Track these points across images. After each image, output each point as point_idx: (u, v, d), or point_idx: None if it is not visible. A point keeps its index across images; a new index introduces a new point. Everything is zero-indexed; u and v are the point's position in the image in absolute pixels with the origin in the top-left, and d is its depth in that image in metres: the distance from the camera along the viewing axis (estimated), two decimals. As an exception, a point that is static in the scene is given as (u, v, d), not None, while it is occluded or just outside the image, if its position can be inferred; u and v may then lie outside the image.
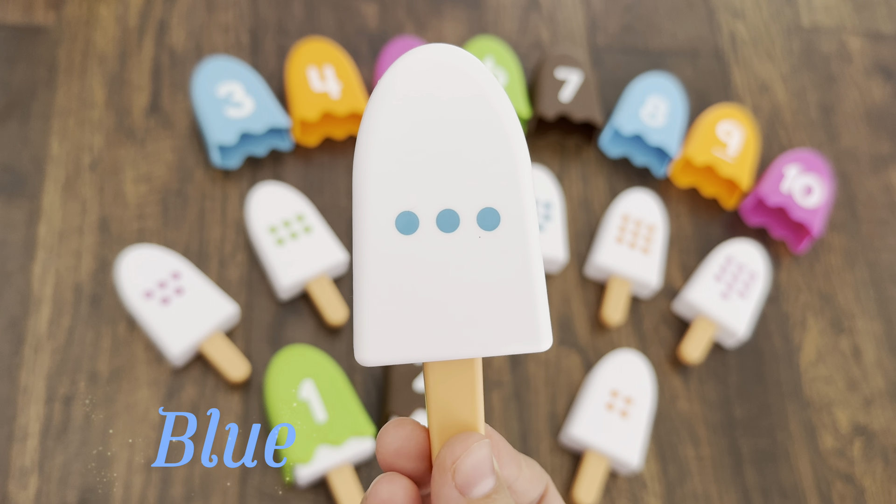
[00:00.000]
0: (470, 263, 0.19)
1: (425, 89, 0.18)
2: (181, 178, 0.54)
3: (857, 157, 0.66)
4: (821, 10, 0.72)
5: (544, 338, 0.19)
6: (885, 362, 0.57)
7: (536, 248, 0.19)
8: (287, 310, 0.51)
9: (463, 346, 0.19)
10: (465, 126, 0.18)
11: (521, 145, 0.19)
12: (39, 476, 0.45)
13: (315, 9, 0.63)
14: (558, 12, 0.67)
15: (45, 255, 0.51)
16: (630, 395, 0.50)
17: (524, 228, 0.19)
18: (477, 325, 0.19)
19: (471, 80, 0.18)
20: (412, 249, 0.19)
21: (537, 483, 0.21)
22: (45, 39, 0.58)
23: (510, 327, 0.19)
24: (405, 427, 0.20)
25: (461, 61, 0.19)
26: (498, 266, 0.19)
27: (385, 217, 0.19)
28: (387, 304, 0.19)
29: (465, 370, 0.19)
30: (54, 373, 0.47)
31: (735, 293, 0.55)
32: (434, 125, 0.18)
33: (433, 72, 0.18)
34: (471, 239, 0.19)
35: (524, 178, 0.19)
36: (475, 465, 0.18)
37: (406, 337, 0.19)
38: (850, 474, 0.53)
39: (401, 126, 0.18)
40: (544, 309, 0.19)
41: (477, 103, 0.18)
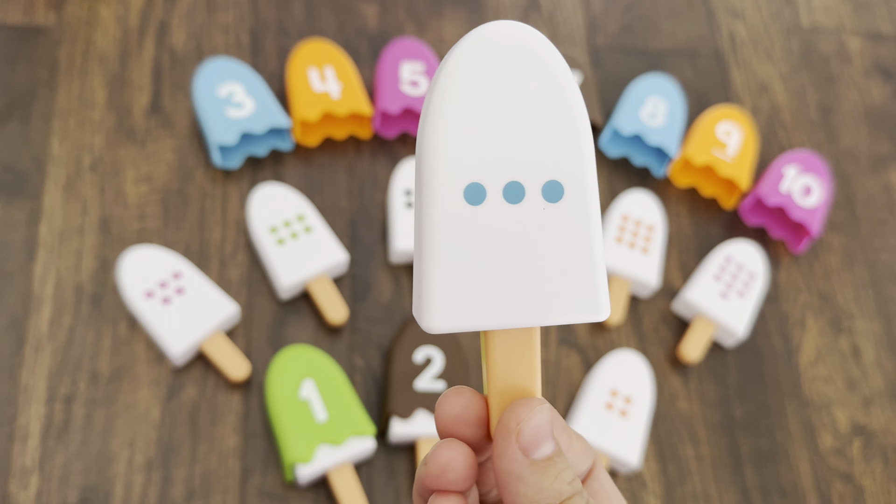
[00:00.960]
0: (534, 234, 0.19)
1: (493, 65, 0.19)
2: (182, 179, 0.55)
3: (856, 157, 0.66)
4: (820, 10, 0.72)
5: (603, 308, 0.20)
6: (884, 362, 0.57)
7: (597, 221, 0.20)
8: (287, 309, 0.52)
9: (526, 315, 0.19)
10: (531, 101, 0.19)
11: (584, 121, 0.19)
12: (40, 476, 0.45)
13: (315, 9, 0.63)
14: (558, 12, 0.67)
15: (45, 255, 0.51)
16: (629, 395, 0.50)
17: (586, 201, 0.19)
18: (539, 295, 0.19)
19: (538, 57, 0.19)
20: (479, 219, 0.19)
21: (586, 457, 0.22)
22: (45, 40, 0.58)
23: (571, 297, 0.19)
24: (464, 395, 0.20)
25: (529, 38, 0.19)
26: (561, 237, 0.19)
27: (454, 188, 0.19)
28: (454, 272, 0.19)
29: (526, 338, 0.20)
30: (55, 372, 0.47)
31: (734, 293, 0.55)
32: (502, 100, 0.19)
33: (501, 48, 0.19)
34: (535, 210, 0.19)
35: (587, 153, 0.19)
36: (538, 428, 0.19)
37: (472, 305, 0.19)
38: (850, 474, 0.53)
39: (469, 101, 0.19)
40: (603, 280, 0.20)
41: (544, 80, 0.19)
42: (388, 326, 0.52)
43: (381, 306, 0.53)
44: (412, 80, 0.58)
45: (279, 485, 0.47)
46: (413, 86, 0.58)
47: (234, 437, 0.47)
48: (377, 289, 0.53)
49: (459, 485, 0.20)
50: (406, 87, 0.57)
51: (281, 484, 0.47)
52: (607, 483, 0.22)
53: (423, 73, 0.59)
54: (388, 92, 0.57)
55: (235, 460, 0.47)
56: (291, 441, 0.45)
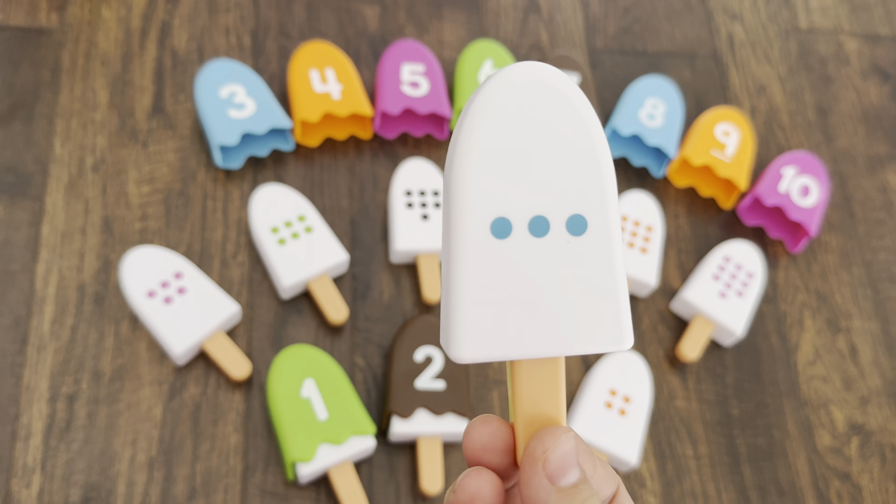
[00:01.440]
0: (559, 267, 0.20)
1: (520, 104, 0.20)
2: (183, 179, 0.55)
3: (853, 157, 0.66)
4: (818, 11, 0.73)
5: (626, 338, 0.20)
6: (881, 361, 0.58)
7: (620, 253, 0.20)
8: (288, 309, 0.52)
9: (551, 345, 0.20)
10: (556, 139, 0.20)
11: (607, 158, 0.20)
12: (42, 474, 0.45)
13: (316, 11, 0.64)
14: (557, 15, 0.68)
15: (48, 255, 0.51)
16: (628, 394, 0.51)
17: (609, 235, 0.20)
18: (564, 326, 0.20)
19: (563, 97, 0.20)
20: (505, 253, 0.20)
21: (610, 482, 0.22)
22: (48, 41, 0.58)
23: (596, 328, 0.20)
24: (491, 424, 0.21)
25: (554, 78, 0.20)
26: (585, 270, 0.20)
27: (481, 222, 0.20)
28: (481, 304, 0.20)
29: (551, 368, 0.21)
30: (57, 372, 0.48)
31: (733, 293, 0.55)
32: (528, 138, 0.20)
33: (527, 87, 0.20)
34: (560, 244, 0.20)
35: (610, 188, 0.20)
36: (564, 456, 0.20)
37: (498, 336, 0.20)
38: (848, 472, 0.53)
39: (497, 138, 0.20)
40: (627, 310, 0.20)
41: (568, 118, 0.20)
42: (388, 326, 0.52)
43: (381, 306, 0.53)
44: (412, 81, 0.58)
45: (280, 483, 0.47)
46: (413, 87, 0.58)
47: (235, 436, 0.48)
48: (378, 289, 0.54)
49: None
50: (406, 88, 0.58)
51: (282, 482, 0.47)
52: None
53: (423, 74, 0.59)
54: (388, 93, 0.57)
55: (237, 459, 0.47)
56: (293, 440, 0.45)
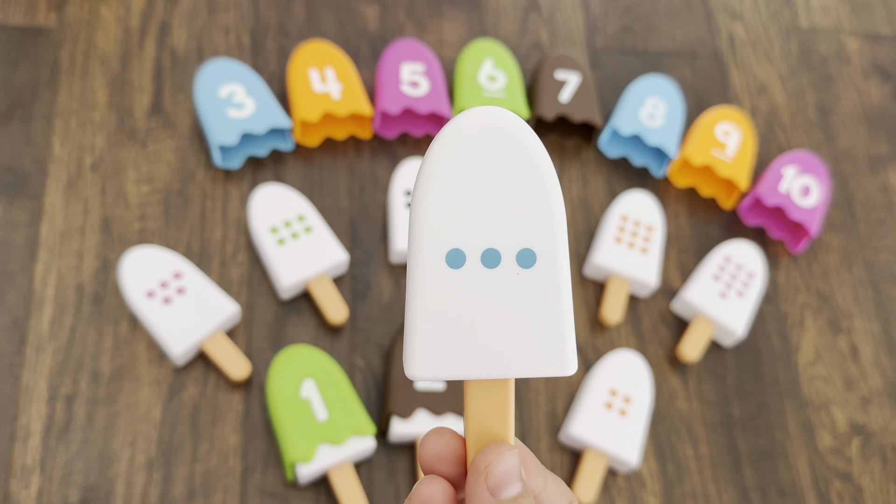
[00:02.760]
0: (508, 297, 0.21)
1: (477, 146, 0.21)
2: (183, 179, 0.55)
3: (854, 157, 0.66)
4: (819, 11, 0.73)
5: (570, 364, 0.22)
6: (882, 362, 0.58)
7: (567, 285, 0.22)
8: (288, 309, 0.52)
9: (499, 368, 0.22)
10: (509, 178, 0.21)
11: (557, 195, 0.22)
12: (41, 475, 0.45)
13: (316, 10, 0.63)
14: (558, 14, 0.67)
15: (47, 256, 0.51)
16: (629, 394, 0.50)
17: (557, 268, 0.21)
18: (512, 350, 0.22)
19: (516, 140, 0.21)
20: (459, 282, 0.21)
21: (562, 498, 0.23)
22: (47, 40, 0.58)
23: (541, 353, 0.22)
24: (444, 435, 0.22)
25: (508, 122, 0.21)
26: (532, 300, 0.21)
27: (437, 253, 0.21)
28: (435, 328, 0.22)
29: (500, 389, 0.22)
30: (56, 372, 0.48)
31: (733, 293, 0.55)
32: (483, 176, 0.21)
33: (484, 131, 0.21)
34: (510, 275, 0.21)
35: (559, 225, 0.21)
36: (505, 471, 0.21)
37: (450, 357, 0.22)
38: (849, 473, 0.53)
39: (454, 176, 0.21)
40: (571, 338, 0.22)
41: (521, 160, 0.21)
42: (388, 326, 0.52)
43: (381, 306, 0.53)
44: (412, 80, 0.58)
45: (280, 484, 0.47)
46: (413, 86, 0.58)
47: (234, 437, 0.47)
48: (377, 289, 0.53)
49: None
50: (406, 87, 0.58)
51: (281, 483, 0.47)
52: None
53: (423, 73, 0.59)
54: (388, 92, 0.57)
55: (236, 459, 0.47)
56: (292, 440, 0.45)
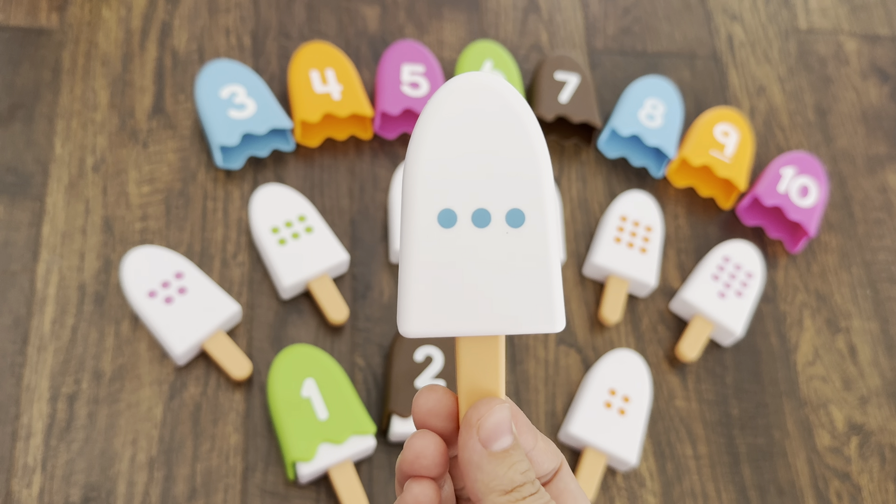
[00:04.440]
0: (498, 255, 0.22)
1: (466, 109, 0.22)
2: (184, 179, 0.55)
3: (853, 157, 0.66)
4: (817, 12, 0.73)
5: (558, 320, 0.22)
6: (880, 361, 0.58)
7: (555, 243, 0.22)
8: (289, 309, 0.52)
9: (489, 325, 0.22)
10: (498, 140, 0.22)
11: (544, 157, 0.22)
12: (43, 474, 0.45)
13: (316, 11, 0.64)
14: (557, 15, 0.68)
15: (48, 256, 0.51)
16: (628, 394, 0.51)
17: (545, 227, 0.22)
18: (502, 308, 0.22)
19: (504, 103, 0.22)
20: (450, 241, 0.22)
21: (552, 457, 0.24)
22: (48, 41, 0.58)
23: (530, 310, 0.22)
24: (436, 392, 0.23)
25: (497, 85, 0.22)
26: (521, 258, 0.22)
27: (430, 214, 0.22)
28: (428, 286, 0.22)
29: (491, 345, 0.23)
30: (58, 372, 0.48)
31: (732, 293, 0.55)
32: (473, 139, 0.22)
33: (473, 94, 0.22)
34: (499, 234, 0.22)
35: (547, 185, 0.22)
36: (496, 423, 0.22)
37: (443, 315, 0.22)
38: (847, 472, 0.53)
39: (445, 139, 0.22)
40: (559, 296, 0.22)
41: (509, 122, 0.22)
42: (388, 326, 0.52)
43: (381, 306, 0.53)
44: (412, 81, 0.58)
45: (281, 483, 0.47)
46: (413, 87, 0.58)
47: (235, 436, 0.48)
48: (378, 288, 0.54)
49: (431, 470, 0.22)
50: (406, 88, 0.58)
51: (282, 482, 0.47)
52: (572, 484, 0.24)
53: (423, 74, 0.59)
54: (388, 93, 0.57)
55: (237, 458, 0.47)
56: (293, 439, 0.45)
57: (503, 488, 0.21)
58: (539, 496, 0.21)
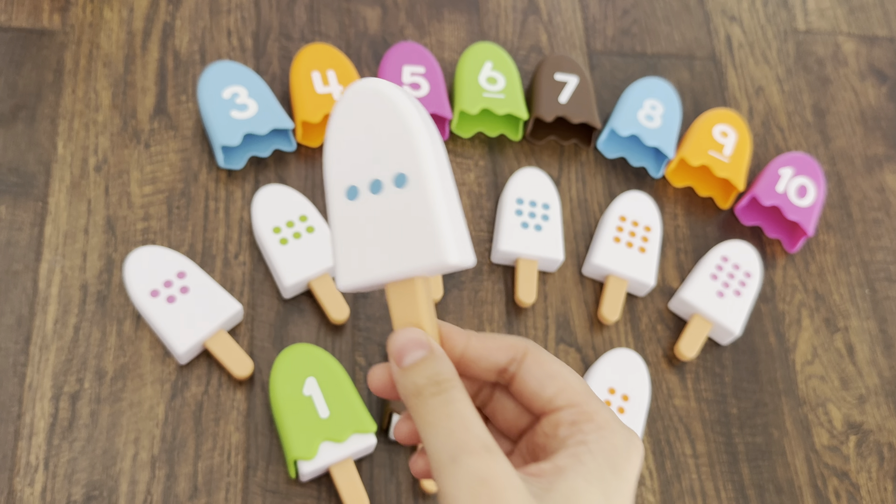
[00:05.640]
0: (394, 213, 0.27)
1: (353, 106, 0.28)
2: (186, 180, 0.55)
3: (851, 157, 0.67)
4: (816, 13, 0.73)
5: (447, 253, 0.26)
6: (878, 360, 0.58)
7: (437, 194, 0.26)
8: (290, 308, 0.52)
9: (398, 270, 0.27)
10: (379, 125, 0.27)
11: (417, 129, 0.27)
12: (45, 473, 0.46)
13: (317, 12, 0.64)
14: (557, 16, 0.68)
15: (51, 255, 0.51)
16: (627, 393, 0.51)
17: (424, 182, 0.26)
18: (403, 254, 0.27)
19: (380, 94, 0.27)
20: (358, 209, 0.27)
21: (496, 352, 0.28)
22: (50, 42, 0.58)
23: (425, 252, 0.26)
24: (379, 366, 0.28)
25: (374, 83, 0.28)
26: (411, 210, 0.26)
27: (339, 192, 0.28)
28: (349, 248, 0.28)
29: (407, 289, 0.27)
30: (60, 371, 0.48)
31: (731, 292, 0.56)
32: (361, 128, 0.28)
33: (356, 95, 0.28)
34: (391, 195, 0.27)
35: (421, 149, 0.26)
36: (404, 342, 0.26)
37: (362, 270, 0.27)
38: (846, 471, 0.54)
39: (341, 133, 0.28)
40: (447, 234, 0.26)
41: (385, 109, 0.27)
42: (389, 325, 0.53)
43: (382, 305, 0.53)
44: (413, 82, 0.59)
45: (282, 481, 0.47)
46: (414, 88, 0.58)
47: (237, 434, 0.48)
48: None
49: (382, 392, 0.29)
50: (407, 89, 0.58)
51: (284, 480, 0.47)
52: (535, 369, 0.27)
53: (424, 75, 0.59)
54: (388, 94, 0.58)
55: (239, 457, 0.47)
56: (295, 438, 0.45)
57: (410, 393, 0.26)
58: (442, 396, 0.25)
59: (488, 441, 0.24)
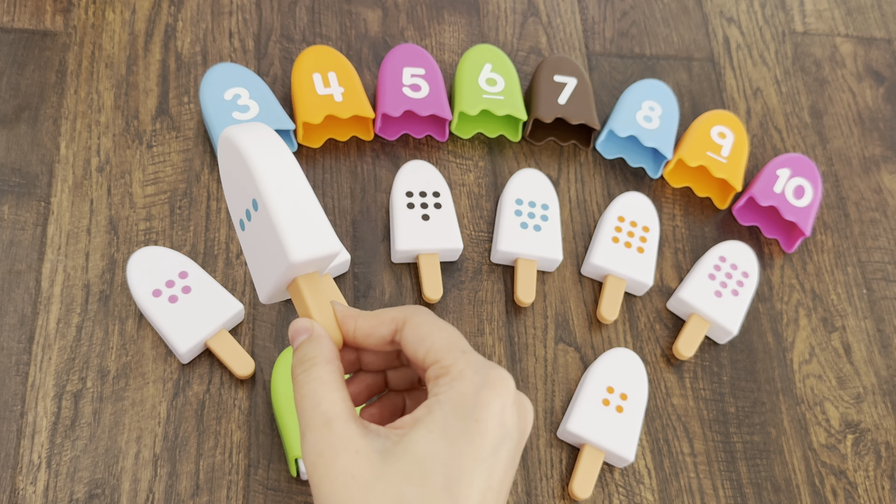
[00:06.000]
0: (262, 232, 0.32)
1: (224, 155, 0.34)
2: (188, 180, 0.56)
3: (848, 158, 0.67)
4: (813, 14, 0.74)
5: (290, 254, 0.31)
6: (875, 360, 0.59)
7: (277, 208, 0.31)
8: (291, 308, 0.53)
9: (276, 277, 0.32)
10: (236, 167, 0.33)
11: (256, 167, 0.32)
12: (48, 471, 0.46)
13: (318, 14, 0.64)
14: (556, 18, 0.68)
15: (53, 255, 0.52)
16: (625, 391, 0.51)
17: (265, 202, 0.31)
18: (275, 263, 0.32)
19: (230, 141, 0.33)
20: (249, 235, 0.34)
21: (379, 327, 0.32)
22: (53, 44, 0.59)
23: (282, 258, 0.31)
24: None
25: (228, 132, 0.33)
26: (267, 227, 0.32)
27: (236, 224, 0.35)
28: (254, 268, 0.35)
29: (294, 289, 0.33)
30: (63, 370, 0.48)
31: (728, 292, 0.56)
32: (231, 170, 0.34)
33: (222, 146, 0.34)
34: (257, 219, 0.32)
35: (259, 177, 0.32)
36: (293, 330, 0.32)
37: (263, 282, 0.34)
38: (843, 469, 0.54)
39: (225, 176, 0.35)
40: (288, 240, 0.31)
41: (235, 154, 0.33)
42: (389, 325, 0.53)
43: (382, 305, 0.54)
44: (413, 84, 0.59)
45: (283, 479, 0.48)
46: (414, 90, 0.59)
47: (238, 433, 0.48)
48: (379, 288, 0.54)
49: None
50: (407, 90, 0.59)
51: (285, 478, 0.48)
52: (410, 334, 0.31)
53: (424, 77, 0.60)
54: (389, 95, 0.58)
55: (240, 455, 0.48)
56: (296, 436, 0.46)
57: (294, 365, 0.31)
58: (306, 374, 0.30)
59: (332, 414, 0.28)
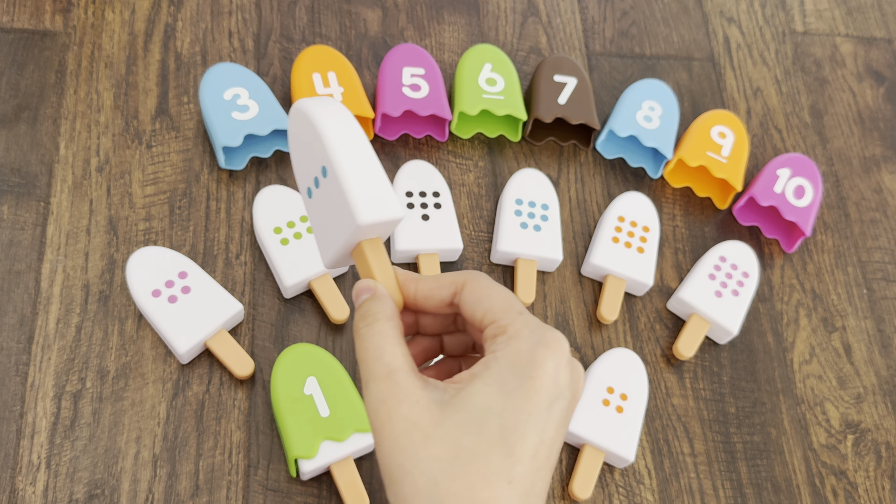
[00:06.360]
0: (331, 198, 0.33)
1: (294, 126, 0.35)
2: (187, 180, 0.56)
3: (849, 158, 0.67)
4: (813, 14, 0.74)
5: (358, 217, 0.32)
6: (876, 360, 0.58)
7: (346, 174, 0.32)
8: (291, 308, 0.53)
9: (343, 241, 0.33)
10: (306, 135, 0.34)
11: (326, 133, 0.33)
12: (48, 471, 0.46)
13: (318, 14, 0.64)
14: (556, 18, 0.68)
15: (53, 255, 0.52)
16: (625, 392, 0.51)
17: (334, 168, 0.33)
18: (343, 228, 0.33)
19: (301, 113, 0.34)
20: (317, 201, 0.35)
21: (438, 290, 0.33)
22: (52, 43, 0.59)
23: (349, 222, 0.32)
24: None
25: (300, 104, 0.34)
26: (336, 192, 0.33)
27: (304, 193, 0.36)
28: (319, 235, 0.36)
29: (357, 252, 0.34)
30: (62, 370, 0.48)
31: (728, 292, 0.56)
32: (300, 141, 0.35)
33: (293, 117, 0.35)
34: (325, 185, 0.34)
35: (331, 151, 0.33)
36: (357, 289, 0.33)
37: (328, 248, 0.35)
38: (844, 470, 0.54)
39: (294, 148, 0.36)
40: (358, 204, 0.32)
41: (305, 124, 0.34)
42: (389, 325, 0.53)
43: (382, 305, 0.54)
44: (413, 83, 0.59)
45: (283, 479, 0.47)
46: (414, 89, 0.59)
47: (238, 433, 0.48)
48: (378, 288, 0.54)
49: None
50: (407, 90, 0.59)
51: (285, 478, 0.47)
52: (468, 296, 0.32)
53: (424, 77, 0.60)
54: (389, 95, 0.58)
55: (240, 455, 0.48)
56: (295, 437, 0.46)
57: (355, 325, 0.32)
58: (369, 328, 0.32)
59: (395, 365, 0.30)
